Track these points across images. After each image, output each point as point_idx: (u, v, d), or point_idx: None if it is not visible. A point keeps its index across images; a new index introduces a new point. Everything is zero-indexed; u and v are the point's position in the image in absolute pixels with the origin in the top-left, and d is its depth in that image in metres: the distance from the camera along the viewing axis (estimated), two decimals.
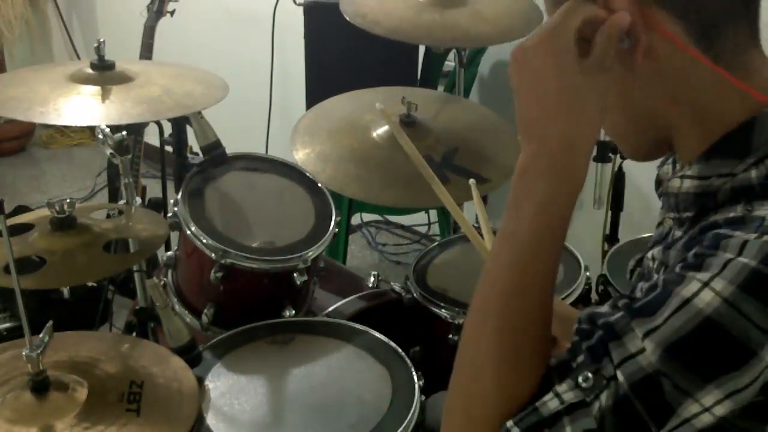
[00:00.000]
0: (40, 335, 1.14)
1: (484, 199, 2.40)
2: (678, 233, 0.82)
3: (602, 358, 0.70)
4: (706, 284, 0.67)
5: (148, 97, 1.55)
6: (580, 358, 0.72)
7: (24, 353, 1.12)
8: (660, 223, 0.88)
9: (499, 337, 0.78)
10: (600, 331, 0.72)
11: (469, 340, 0.82)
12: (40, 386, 1.15)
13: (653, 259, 0.86)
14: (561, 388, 0.72)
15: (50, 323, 1.16)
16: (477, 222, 2.14)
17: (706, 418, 0.68)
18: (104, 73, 1.58)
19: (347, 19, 1.89)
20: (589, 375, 0.71)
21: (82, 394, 1.17)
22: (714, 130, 0.77)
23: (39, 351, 1.12)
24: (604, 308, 0.76)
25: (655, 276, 0.81)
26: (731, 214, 0.73)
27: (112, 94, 1.54)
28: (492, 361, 0.78)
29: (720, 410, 0.68)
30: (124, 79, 1.59)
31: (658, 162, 0.93)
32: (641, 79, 0.78)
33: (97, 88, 1.54)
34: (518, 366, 0.76)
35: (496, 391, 0.77)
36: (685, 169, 0.80)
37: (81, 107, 1.50)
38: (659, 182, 0.89)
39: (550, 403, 0.72)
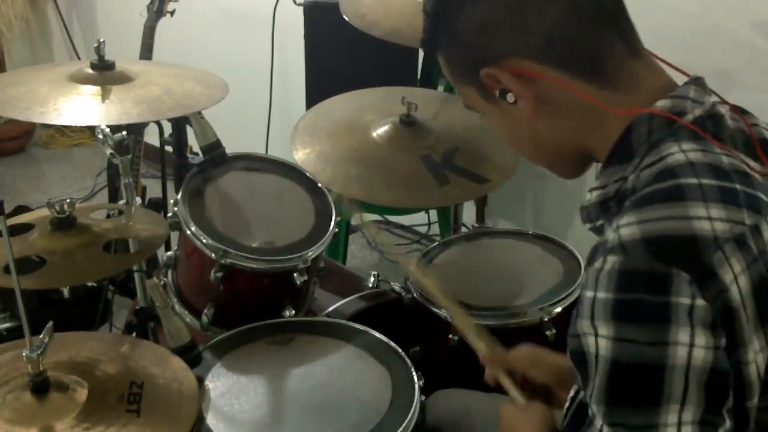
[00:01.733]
0: (41, 336, 1.14)
1: (484, 199, 2.41)
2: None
3: None
4: (596, 334, 0.74)
5: (148, 97, 1.55)
6: None
7: (24, 354, 1.12)
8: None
9: None
10: None
11: None
12: (41, 387, 1.14)
13: None
14: None
15: (50, 324, 1.16)
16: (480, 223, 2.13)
17: (687, 430, 0.72)
18: (104, 73, 1.58)
19: (346, 18, 1.89)
20: None
21: (82, 394, 1.17)
22: (609, 142, 0.85)
23: (39, 352, 1.12)
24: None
25: None
26: (600, 239, 0.80)
27: (112, 94, 1.54)
28: None
29: (689, 416, 0.71)
30: (124, 79, 1.59)
31: None
32: (543, 120, 0.87)
33: (97, 88, 1.54)
34: None
35: None
36: (594, 184, 0.88)
37: (81, 107, 1.50)
38: None
39: None
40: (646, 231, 0.73)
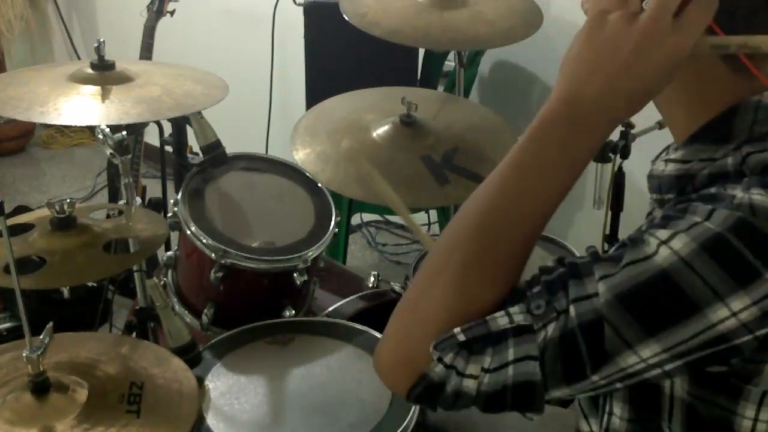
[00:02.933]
0: (41, 336, 1.14)
1: None
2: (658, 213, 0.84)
3: (557, 291, 0.73)
4: (667, 240, 0.70)
5: (148, 97, 1.55)
6: (537, 288, 0.75)
7: (24, 355, 1.12)
8: (649, 213, 0.90)
9: (475, 244, 0.78)
10: (563, 269, 0.74)
11: (445, 240, 0.82)
12: (41, 387, 1.14)
13: None
14: (513, 309, 0.74)
15: (50, 325, 1.16)
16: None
17: (640, 366, 0.70)
18: (104, 73, 1.58)
19: (346, 18, 1.89)
20: (542, 303, 0.73)
21: (82, 395, 1.17)
22: (701, 116, 0.80)
23: (39, 352, 1.12)
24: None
25: None
26: (705, 192, 0.75)
27: (112, 94, 1.54)
28: (460, 267, 0.78)
29: (654, 360, 0.70)
30: (124, 79, 1.58)
31: None
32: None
33: (97, 88, 1.54)
34: (482, 278, 0.77)
35: (454, 298, 0.77)
36: (670, 153, 0.83)
37: (81, 107, 1.50)
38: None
39: (500, 319, 0.74)
40: None
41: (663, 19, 0.72)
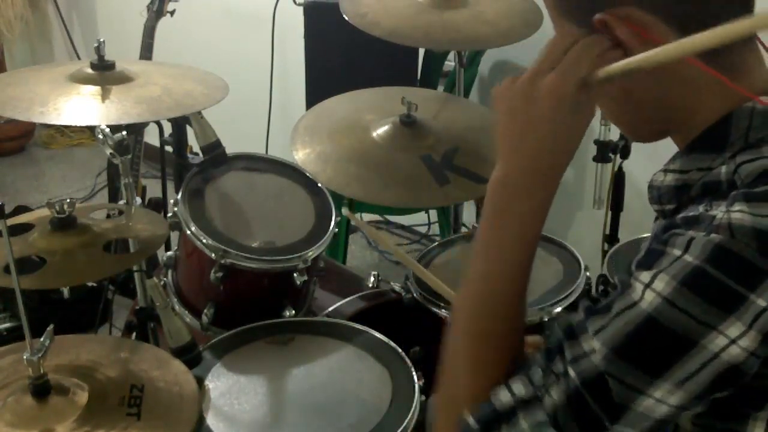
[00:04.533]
0: (41, 339, 1.14)
1: (482, 199, 2.41)
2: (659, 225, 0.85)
3: (554, 357, 0.74)
4: (649, 283, 0.70)
5: (148, 97, 1.55)
6: (536, 357, 0.77)
7: (25, 357, 1.12)
8: (656, 219, 0.90)
9: (469, 340, 0.84)
10: (560, 333, 0.76)
11: (449, 341, 0.87)
12: (41, 390, 1.14)
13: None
14: (513, 382, 0.77)
15: (51, 327, 1.16)
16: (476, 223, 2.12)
17: (663, 409, 0.70)
18: (104, 73, 1.58)
19: (346, 18, 1.89)
20: (540, 371, 0.75)
21: (82, 398, 1.17)
22: (698, 125, 0.80)
23: (40, 355, 1.12)
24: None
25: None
26: (690, 213, 0.75)
27: (112, 94, 1.54)
28: (462, 361, 0.83)
29: (674, 400, 0.70)
30: (124, 79, 1.58)
31: (658, 162, 0.94)
32: (641, 83, 0.80)
33: (97, 88, 1.54)
34: (487, 356, 0.82)
35: (469, 377, 0.82)
36: (669, 164, 0.83)
37: (81, 107, 1.50)
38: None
39: (502, 396, 0.76)
40: (758, 224, 0.69)
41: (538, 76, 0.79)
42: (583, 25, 0.80)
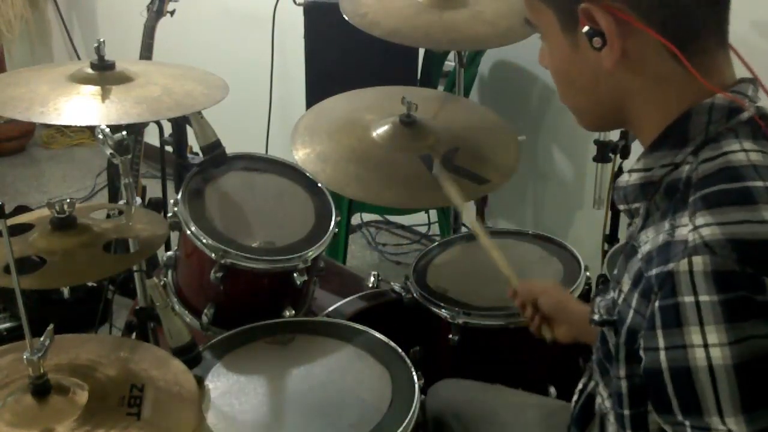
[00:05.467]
0: (41, 338, 1.14)
1: (484, 199, 2.41)
2: (629, 231, 0.88)
3: None
4: (705, 344, 0.70)
5: (148, 97, 1.55)
6: None
7: (25, 357, 1.12)
8: (629, 225, 0.91)
9: None
10: None
11: None
12: (41, 390, 1.14)
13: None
14: None
15: (51, 326, 1.16)
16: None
17: None
18: (104, 73, 1.58)
19: (346, 18, 1.89)
20: None
21: (82, 397, 1.17)
22: (660, 124, 0.82)
23: (40, 354, 1.12)
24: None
25: (612, 293, 0.86)
26: (660, 239, 0.76)
27: (112, 94, 1.54)
28: None
29: None
30: (124, 79, 1.58)
31: None
32: (614, 76, 0.83)
33: (97, 88, 1.54)
34: None
35: None
36: (634, 165, 0.85)
37: (81, 107, 1.50)
38: None
39: None
40: (729, 233, 0.71)
41: None
42: (563, 13, 0.83)
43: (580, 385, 1.01)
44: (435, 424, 1.39)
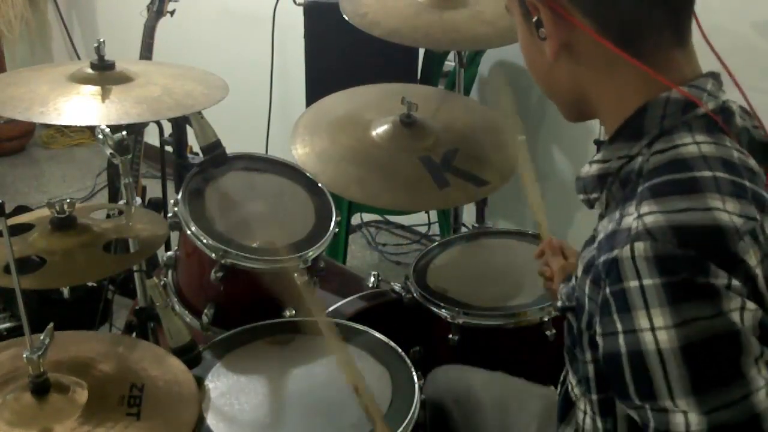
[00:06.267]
0: (41, 337, 1.14)
1: (484, 199, 2.41)
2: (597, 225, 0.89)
3: None
4: (653, 327, 0.72)
5: (148, 97, 1.55)
6: None
7: (24, 355, 1.12)
8: (600, 217, 0.93)
9: None
10: None
11: None
12: (41, 388, 1.14)
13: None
14: None
15: (51, 325, 1.16)
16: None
17: None
18: (104, 73, 1.58)
19: (346, 18, 1.89)
20: None
21: (82, 396, 1.17)
22: (619, 117, 0.85)
23: (40, 353, 1.12)
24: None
25: (572, 281, 0.88)
26: (610, 227, 0.78)
27: (112, 94, 1.54)
28: None
29: (766, 370, 0.72)
30: (124, 79, 1.59)
31: None
32: (562, 66, 0.86)
33: (97, 88, 1.54)
34: None
35: None
36: (594, 156, 0.88)
37: (81, 107, 1.50)
38: None
39: None
40: (672, 220, 0.73)
41: None
42: (522, 6, 0.87)
43: (561, 377, 1.02)
44: (434, 408, 1.39)
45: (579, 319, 0.83)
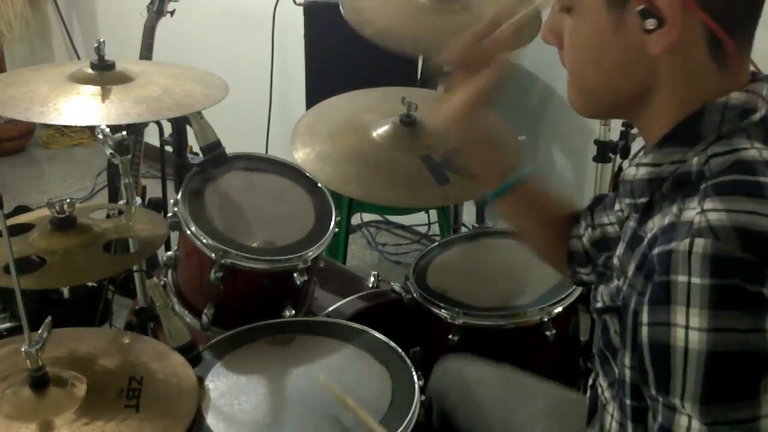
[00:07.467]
0: (39, 331, 1.14)
1: (484, 200, 2.41)
2: (632, 224, 0.87)
3: None
4: (687, 325, 0.70)
5: (148, 97, 1.55)
6: None
7: (23, 349, 1.12)
8: (626, 217, 0.91)
9: None
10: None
11: None
12: (39, 382, 1.14)
13: (618, 257, 0.88)
14: None
15: (49, 319, 1.16)
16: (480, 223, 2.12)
17: None
18: (104, 73, 1.58)
19: (342, 14, 1.88)
20: None
21: (81, 389, 1.17)
22: (673, 120, 0.81)
23: (38, 347, 1.12)
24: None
25: (615, 282, 0.85)
26: (667, 220, 0.76)
27: (112, 94, 1.54)
28: None
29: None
30: (124, 79, 1.58)
31: None
32: (651, 61, 0.80)
33: (97, 88, 1.54)
34: None
35: None
36: (640, 157, 0.84)
37: (81, 107, 1.50)
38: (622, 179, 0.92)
39: None
40: (735, 221, 0.71)
41: None
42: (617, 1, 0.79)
43: (590, 380, 1.01)
44: (438, 401, 1.39)
45: (623, 319, 0.81)
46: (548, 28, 0.89)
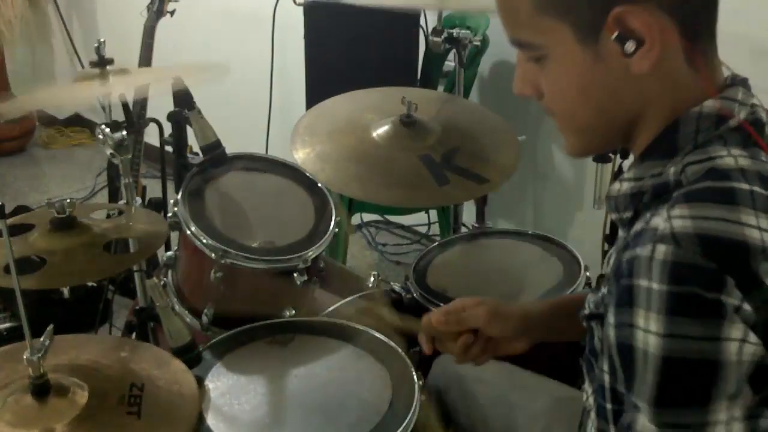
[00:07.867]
0: (41, 339, 1.14)
1: (484, 199, 2.41)
2: (622, 234, 0.88)
3: None
4: (646, 328, 0.71)
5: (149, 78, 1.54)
6: None
7: (25, 357, 1.12)
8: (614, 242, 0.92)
9: None
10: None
11: None
12: (41, 390, 1.14)
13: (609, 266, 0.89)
14: None
15: (51, 327, 1.16)
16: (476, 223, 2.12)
17: (736, 427, 0.71)
18: (104, 69, 1.57)
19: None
20: None
21: (82, 397, 1.17)
22: (652, 133, 0.82)
23: (40, 355, 1.12)
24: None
25: (603, 290, 0.86)
26: (638, 226, 0.78)
27: (111, 78, 1.53)
28: None
29: (738, 412, 0.70)
30: (123, 72, 1.58)
31: None
32: (639, 82, 0.80)
33: (96, 71, 1.54)
34: None
35: None
36: (625, 173, 0.85)
37: (82, 89, 1.49)
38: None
39: None
40: (699, 227, 0.71)
41: None
42: (581, 25, 0.79)
43: (589, 389, 1.02)
44: (438, 397, 1.39)
45: (603, 325, 0.82)
46: (522, 81, 0.88)
